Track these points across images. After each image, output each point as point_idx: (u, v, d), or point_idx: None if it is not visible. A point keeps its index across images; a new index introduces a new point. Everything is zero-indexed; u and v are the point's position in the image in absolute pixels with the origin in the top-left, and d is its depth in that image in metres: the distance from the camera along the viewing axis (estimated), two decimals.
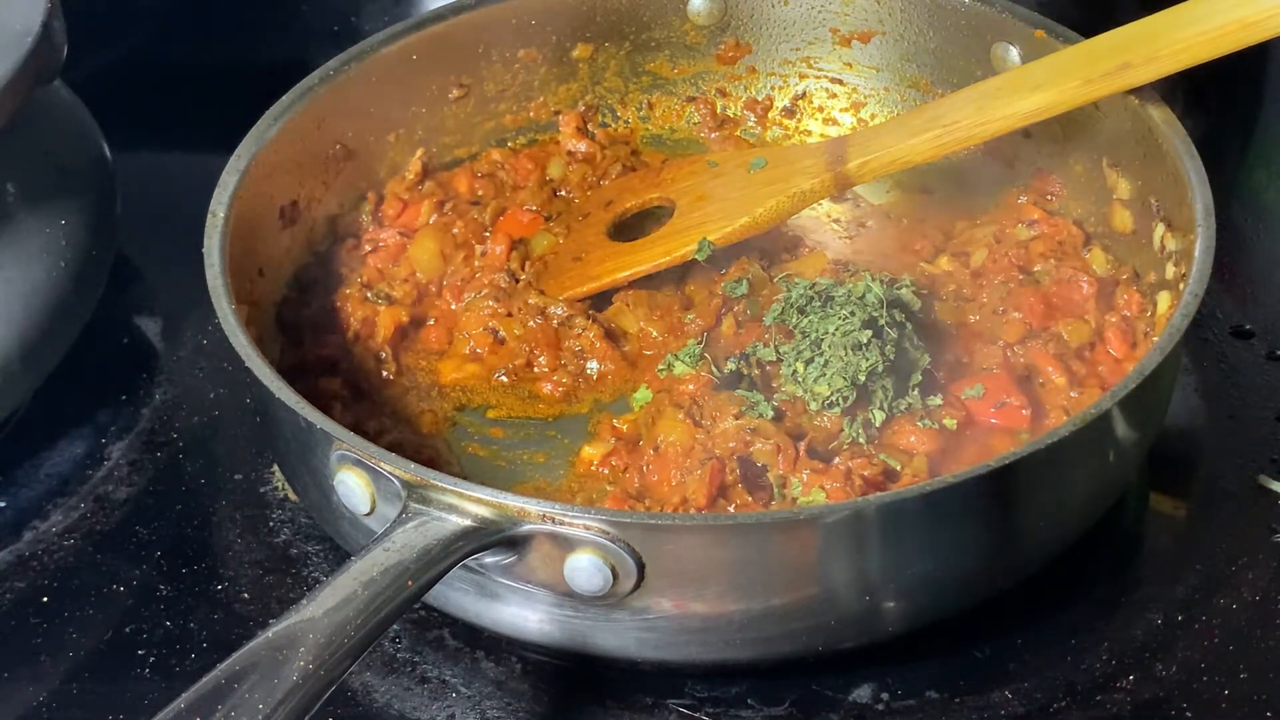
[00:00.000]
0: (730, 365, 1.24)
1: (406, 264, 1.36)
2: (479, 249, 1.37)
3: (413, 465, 1.05)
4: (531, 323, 1.31)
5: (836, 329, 1.21)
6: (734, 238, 1.32)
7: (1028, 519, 1.11)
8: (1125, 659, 1.14)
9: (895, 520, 1.06)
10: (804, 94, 1.49)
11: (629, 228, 1.39)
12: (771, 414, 1.19)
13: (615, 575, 1.04)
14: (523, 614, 1.09)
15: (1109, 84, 1.23)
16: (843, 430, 1.19)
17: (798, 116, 1.49)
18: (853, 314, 1.22)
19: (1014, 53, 1.37)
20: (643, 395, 1.26)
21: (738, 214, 1.32)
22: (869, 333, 1.21)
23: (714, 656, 1.10)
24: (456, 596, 1.11)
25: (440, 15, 1.41)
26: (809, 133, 1.48)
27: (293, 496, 1.26)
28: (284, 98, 1.33)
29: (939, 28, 1.42)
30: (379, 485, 1.07)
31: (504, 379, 1.30)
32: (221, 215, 1.24)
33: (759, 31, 1.48)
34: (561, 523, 1.03)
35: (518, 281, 1.34)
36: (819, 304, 1.24)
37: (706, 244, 1.31)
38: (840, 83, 1.48)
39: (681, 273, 1.34)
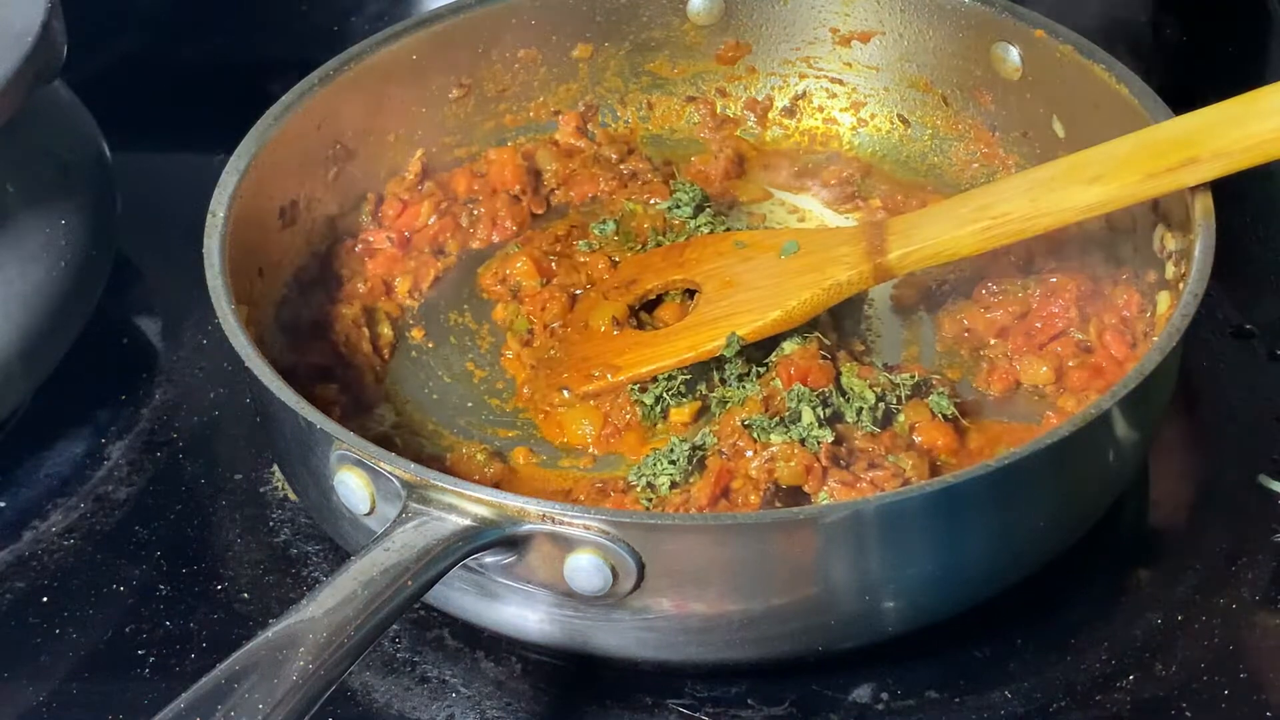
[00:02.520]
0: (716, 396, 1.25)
1: (404, 281, 1.36)
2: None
3: (413, 465, 1.06)
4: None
5: None
6: (765, 332, 1.25)
7: (1028, 519, 1.11)
8: (1125, 659, 1.14)
9: (895, 520, 1.06)
10: (804, 94, 1.49)
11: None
12: (783, 437, 1.18)
13: (615, 575, 1.04)
14: (523, 614, 1.09)
15: (1173, 179, 1.16)
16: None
17: (798, 116, 1.49)
18: None
19: (1014, 53, 1.37)
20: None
21: (769, 306, 1.25)
22: None
23: (714, 656, 1.10)
24: (456, 596, 1.11)
25: (440, 15, 1.41)
26: (809, 132, 1.49)
27: (293, 496, 1.26)
28: (284, 98, 1.33)
29: (939, 28, 1.42)
30: (379, 485, 1.07)
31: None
32: (221, 215, 1.24)
33: (759, 31, 1.48)
34: (561, 522, 1.03)
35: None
36: None
37: (735, 339, 1.24)
38: (840, 82, 1.48)
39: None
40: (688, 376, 1.25)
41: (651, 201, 1.40)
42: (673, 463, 1.18)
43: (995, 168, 1.42)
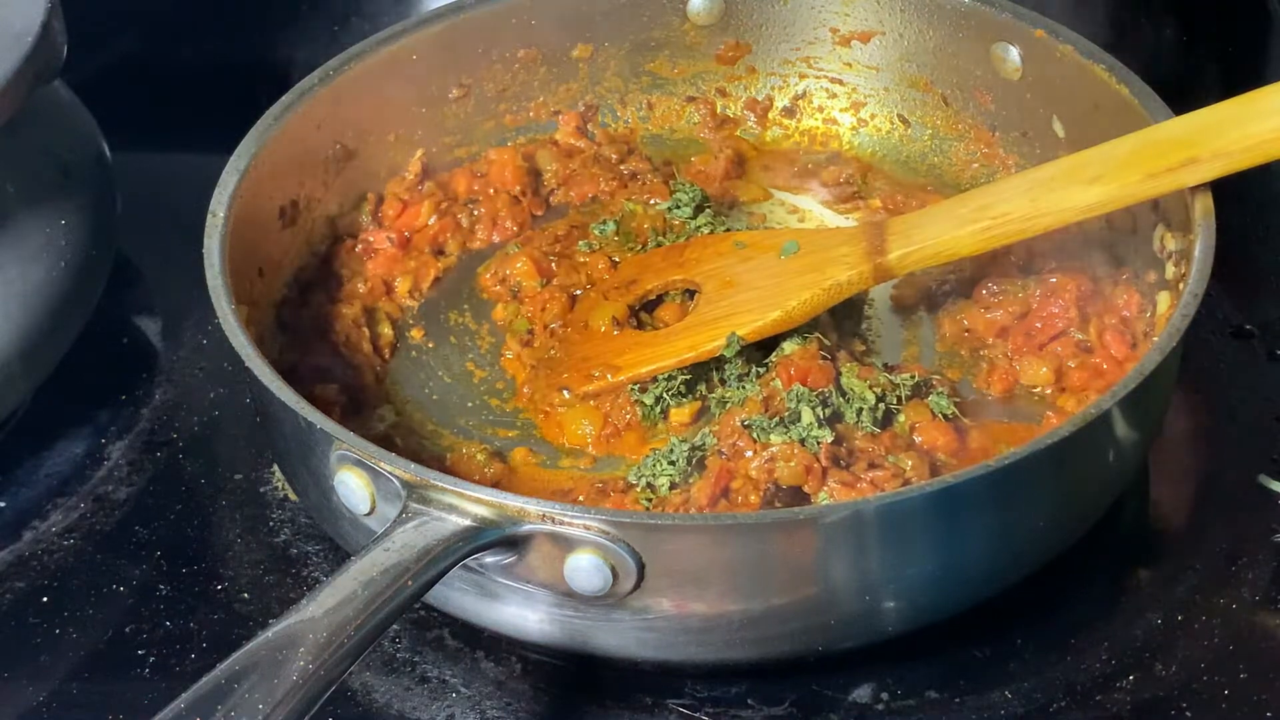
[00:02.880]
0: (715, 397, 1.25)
1: (404, 281, 1.36)
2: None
3: (413, 465, 1.06)
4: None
5: None
6: (765, 332, 1.24)
7: (1028, 519, 1.11)
8: (1125, 659, 1.14)
9: (895, 520, 1.06)
10: (804, 94, 1.49)
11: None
12: (782, 437, 1.17)
13: (615, 575, 1.04)
14: (523, 614, 1.09)
15: (1172, 180, 1.16)
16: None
17: (798, 116, 1.49)
18: None
19: (1014, 53, 1.37)
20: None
21: (769, 306, 1.24)
22: None
23: (714, 656, 1.10)
24: (456, 596, 1.11)
25: (440, 15, 1.41)
26: (809, 132, 1.49)
27: (293, 496, 1.26)
28: (284, 98, 1.33)
29: (939, 28, 1.42)
30: (379, 485, 1.07)
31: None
32: (221, 215, 1.24)
33: (759, 31, 1.48)
34: (561, 522, 1.03)
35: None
36: None
37: (735, 339, 1.24)
38: (840, 82, 1.48)
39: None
40: (688, 376, 1.25)
41: (651, 201, 1.40)
42: (672, 463, 1.18)
43: (995, 168, 1.42)
